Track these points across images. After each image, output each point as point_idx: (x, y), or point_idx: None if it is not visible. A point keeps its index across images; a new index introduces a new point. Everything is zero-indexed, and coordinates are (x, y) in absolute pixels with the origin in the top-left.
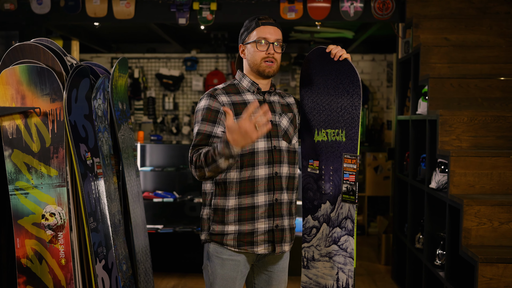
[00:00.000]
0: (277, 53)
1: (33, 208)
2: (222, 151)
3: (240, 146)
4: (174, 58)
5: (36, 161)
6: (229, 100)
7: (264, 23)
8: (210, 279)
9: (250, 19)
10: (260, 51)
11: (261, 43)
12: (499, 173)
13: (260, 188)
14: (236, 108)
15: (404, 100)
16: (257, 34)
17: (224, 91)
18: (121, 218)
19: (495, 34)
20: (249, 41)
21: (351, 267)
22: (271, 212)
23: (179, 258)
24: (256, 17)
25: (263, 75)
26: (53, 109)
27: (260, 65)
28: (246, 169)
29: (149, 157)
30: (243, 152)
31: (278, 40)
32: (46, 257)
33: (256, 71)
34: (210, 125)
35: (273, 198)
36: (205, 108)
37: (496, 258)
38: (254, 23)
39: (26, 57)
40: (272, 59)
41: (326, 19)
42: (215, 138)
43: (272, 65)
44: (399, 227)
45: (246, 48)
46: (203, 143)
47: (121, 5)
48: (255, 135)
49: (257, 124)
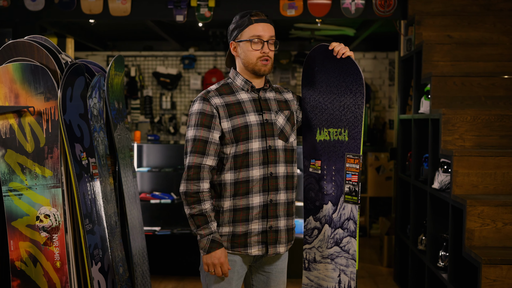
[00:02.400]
0: (272, 51)
1: (27, 210)
2: (200, 242)
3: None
4: (172, 56)
5: (30, 161)
6: (223, 102)
7: (257, 20)
8: (206, 281)
9: (241, 15)
10: (255, 50)
11: (256, 42)
12: (503, 173)
13: (255, 189)
14: (230, 109)
15: (406, 99)
16: (251, 32)
17: (217, 92)
18: (117, 220)
19: (499, 32)
20: (242, 39)
21: (353, 269)
22: (265, 213)
23: (177, 260)
24: (247, 13)
25: (259, 74)
26: (47, 108)
27: (256, 65)
28: (240, 170)
29: (146, 157)
30: (237, 153)
31: (272, 37)
32: (40, 260)
33: (251, 70)
34: (205, 130)
35: (268, 199)
36: (199, 112)
37: (500, 260)
38: (246, 20)
39: (20, 55)
40: (267, 57)
41: (327, 16)
42: (212, 144)
43: (267, 64)
44: (402, 229)
45: (238, 46)
46: (200, 150)
47: (117, 2)
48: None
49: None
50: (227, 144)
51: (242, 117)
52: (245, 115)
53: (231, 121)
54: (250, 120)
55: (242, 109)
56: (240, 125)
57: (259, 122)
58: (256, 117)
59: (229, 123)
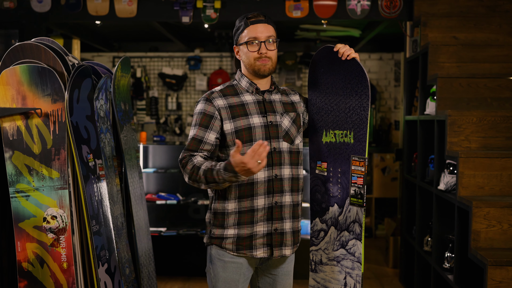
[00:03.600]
0: (270, 50)
1: (34, 211)
2: (228, 178)
3: (243, 176)
4: (177, 57)
5: (37, 163)
6: (226, 103)
7: (253, 21)
8: (212, 282)
9: (240, 18)
10: (252, 52)
11: (252, 44)
12: (509, 174)
13: (259, 191)
14: (233, 111)
15: (412, 100)
16: (248, 34)
17: (221, 94)
18: (123, 221)
19: (505, 33)
20: (241, 42)
21: (359, 272)
22: (270, 215)
23: (183, 261)
24: (244, 16)
25: (260, 75)
26: (54, 110)
27: (254, 65)
28: None
29: (152, 158)
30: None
31: (270, 36)
32: (47, 261)
33: (252, 71)
34: (202, 130)
35: (273, 201)
36: (201, 112)
37: (505, 261)
38: (243, 23)
39: (27, 57)
40: (266, 58)
41: (333, 17)
42: (206, 144)
43: (266, 63)
44: (407, 230)
45: (240, 49)
46: (193, 148)
47: (123, 3)
48: (256, 170)
49: (260, 159)
50: (230, 146)
51: (245, 119)
52: (249, 117)
53: (234, 123)
54: (253, 122)
55: (246, 111)
56: (243, 127)
57: (263, 124)
58: (260, 119)
59: (231, 125)
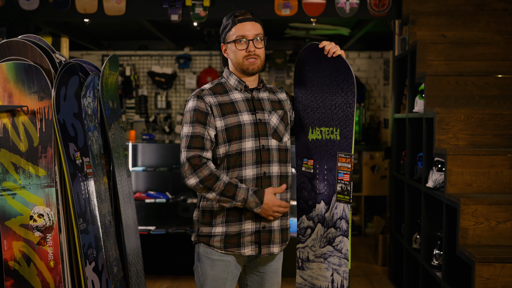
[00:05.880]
0: (258, 48)
1: (21, 209)
2: (248, 204)
3: (258, 209)
4: (167, 56)
5: (24, 161)
6: (216, 101)
7: (240, 20)
8: (200, 280)
9: (227, 16)
10: (240, 50)
11: (240, 42)
12: (496, 171)
13: None
14: (223, 109)
15: (401, 98)
16: (235, 33)
17: (211, 91)
18: (111, 219)
19: (493, 31)
20: (229, 40)
21: (345, 268)
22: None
23: (172, 260)
24: (232, 14)
25: (248, 73)
26: (41, 107)
27: (243, 64)
28: (233, 170)
29: (141, 157)
30: (230, 152)
31: (258, 35)
32: (34, 260)
33: (240, 69)
34: (201, 127)
35: None
36: (194, 109)
37: (493, 258)
38: (230, 21)
39: (13, 54)
40: (254, 56)
41: (322, 15)
42: (208, 141)
43: (255, 62)
44: (396, 227)
45: (227, 48)
46: (199, 146)
47: (111, 1)
48: (271, 218)
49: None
50: (220, 144)
51: (235, 116)
52: (238, 115)
53: (224, 120)
54: (243, 120)
55: (236, 108)
56: (233, 124)
57: (253, 122)
58: (249, 116)
59: (222, 122)
